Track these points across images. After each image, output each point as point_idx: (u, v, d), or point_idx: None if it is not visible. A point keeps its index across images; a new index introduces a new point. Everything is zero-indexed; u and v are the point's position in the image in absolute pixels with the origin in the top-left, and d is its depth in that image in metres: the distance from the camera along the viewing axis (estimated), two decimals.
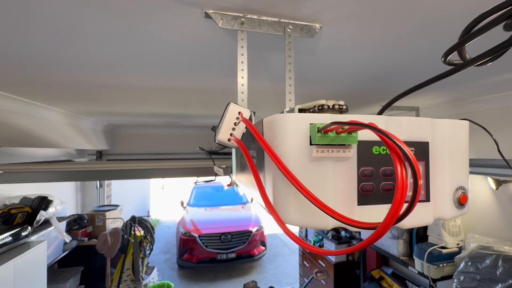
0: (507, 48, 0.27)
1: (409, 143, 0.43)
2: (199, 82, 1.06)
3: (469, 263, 1.71)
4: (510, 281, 1.48)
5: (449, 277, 1.91)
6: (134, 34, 0.65)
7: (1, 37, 0.63)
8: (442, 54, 0.34)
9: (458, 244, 1.99)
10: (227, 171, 1.14)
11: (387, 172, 0.41)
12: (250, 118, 0.45)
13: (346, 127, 0.33)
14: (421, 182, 0.23)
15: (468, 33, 0.30)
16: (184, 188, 9.16)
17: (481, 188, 1.97)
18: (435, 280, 1.92)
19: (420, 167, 0.42)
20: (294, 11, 0.58)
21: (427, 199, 0.43)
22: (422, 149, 0.43)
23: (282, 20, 0.62)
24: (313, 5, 0.55)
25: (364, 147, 0.40)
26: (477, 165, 1.51)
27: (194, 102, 1.46)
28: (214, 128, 0.44)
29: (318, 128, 0.36)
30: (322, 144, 0.36)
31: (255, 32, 0.61)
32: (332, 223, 0.37)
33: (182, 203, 6.01)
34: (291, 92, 0.63)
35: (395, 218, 0.23)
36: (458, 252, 1.92)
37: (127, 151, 2.64)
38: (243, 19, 0.59)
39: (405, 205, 0.24)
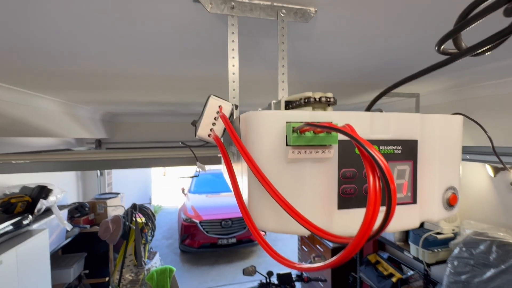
0: (506, 36, 0.25)
1: (396, 142, 0.40)
2: (192, 69, 1.04)
3: (464, 249, 1.74)
4: (503, 266, 1.51)
5: (443, 261, 1.95)
6: (126, 22, 0.62)
7: None
8: (436, 43, 0.32)
9: (453, 230, 2.02)
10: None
11: None
12: (232, 112, 0.43)
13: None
14: (396, 198, 0.20)
15: (464, 19, 0.28)
16: (185, 175, 9.21)
17: (479, 175, 1.97)
18: (429, 265, 1.97)
19: (407, 167, 0.40)
20: None
21: (414, 201, 0.41)
22: (409, 148, 0.41)
23: (275, 4, 0.59)
24: None
25: (345, 147, 0.37)
26: (475, 153, 1.51)
27: (190, 90, 1.43)
28: (195, 123, 0.42)
29: (293, 128, 0.33)
30: (299, 145, 0.34)
31: (247, 17, 0.59)
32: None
33: (183, 190, 6.07)
34: (284, 80, 0.61)
35: (366, 237, 0.21)
36: (453, 238, 1.95)
37: (126, 140, 2.64)
38: (233, 3, 0.56)
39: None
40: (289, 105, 0.40)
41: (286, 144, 0.35)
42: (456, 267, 1.74)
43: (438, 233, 2.00)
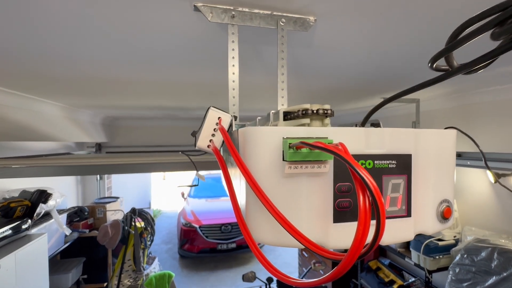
0: (495, 57, 0.26)
1: (390, 156, 0.41)
2: (193, 76, 1.04)
3: (465, 256, 1.73)
4: (505, 274, 1.50)
5: (444, 268, 1.93)
6: (126, 29, 0.63)
7: None
8: (429, 60, 0.33)
9: (455, 236, 2.01)
10: None
11: None
12: (231, 124, 0.43)
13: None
14: (384, 219, 0.20)
15: (455, 40, 0.28)
16: (185, 179, 9.22)
17: (480, 181, 1.97)
18: (431, 272, 1.95)
19: (402, 181, 0.41)
20: (287, 3, 0.56)
21: (408, 214, 0.42)
22: (404, 162, 0.42)
23: (274, 13, 0.60)
24: None
25: (341, 162, 0.37)
26: (475, 159, 1.50)
27: (191, 95, 1.44)
28: (194, 134, 0.42)
29: (290, 144, 0.34)
30: (295, 161, 0.35)
31: (247, 26, 0.59)
32: None
33: (182, 194, 6.05)
34: (283, 88, 0.61)
35: (357, 254, 0.22)
36: (455, 245, 1.93)
37: (126, 144, 2.63)
38: (233, 12, 0.57)
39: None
40: (288, 115, 0.40)
41: (283, 159, 0.36)
42: (458, 274, 1.72)
43: (440, 240, 1.98)
